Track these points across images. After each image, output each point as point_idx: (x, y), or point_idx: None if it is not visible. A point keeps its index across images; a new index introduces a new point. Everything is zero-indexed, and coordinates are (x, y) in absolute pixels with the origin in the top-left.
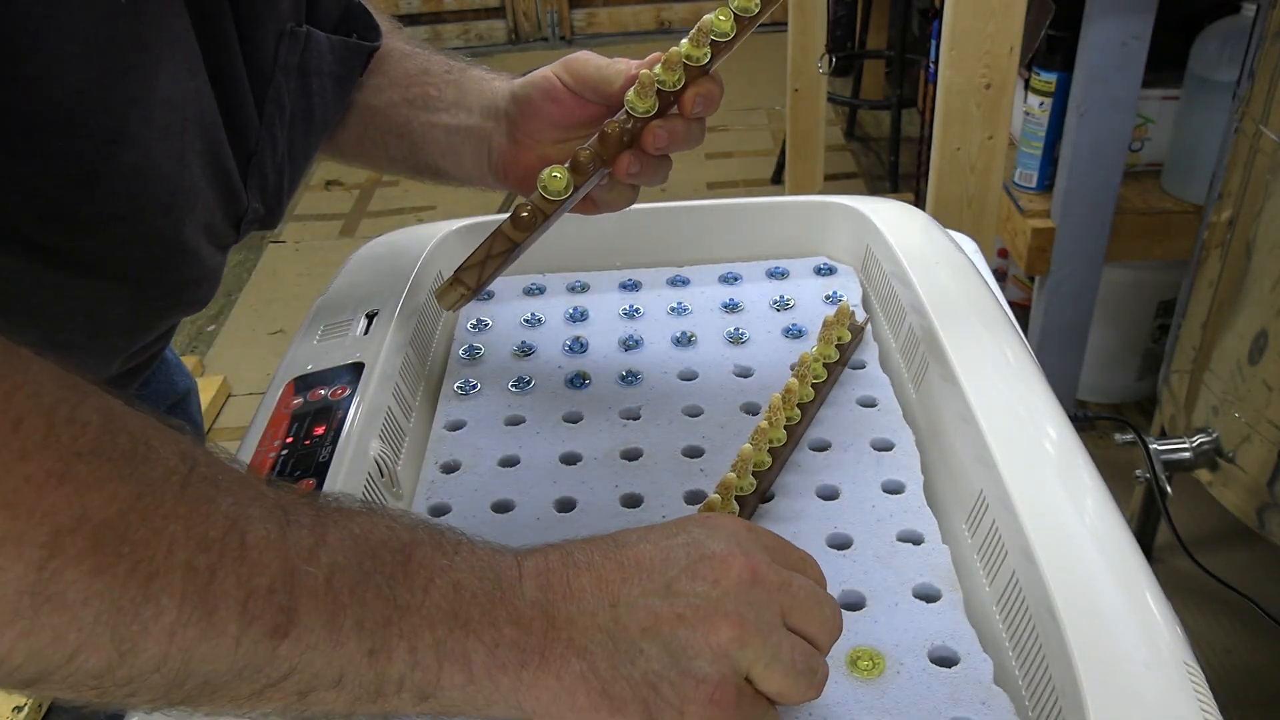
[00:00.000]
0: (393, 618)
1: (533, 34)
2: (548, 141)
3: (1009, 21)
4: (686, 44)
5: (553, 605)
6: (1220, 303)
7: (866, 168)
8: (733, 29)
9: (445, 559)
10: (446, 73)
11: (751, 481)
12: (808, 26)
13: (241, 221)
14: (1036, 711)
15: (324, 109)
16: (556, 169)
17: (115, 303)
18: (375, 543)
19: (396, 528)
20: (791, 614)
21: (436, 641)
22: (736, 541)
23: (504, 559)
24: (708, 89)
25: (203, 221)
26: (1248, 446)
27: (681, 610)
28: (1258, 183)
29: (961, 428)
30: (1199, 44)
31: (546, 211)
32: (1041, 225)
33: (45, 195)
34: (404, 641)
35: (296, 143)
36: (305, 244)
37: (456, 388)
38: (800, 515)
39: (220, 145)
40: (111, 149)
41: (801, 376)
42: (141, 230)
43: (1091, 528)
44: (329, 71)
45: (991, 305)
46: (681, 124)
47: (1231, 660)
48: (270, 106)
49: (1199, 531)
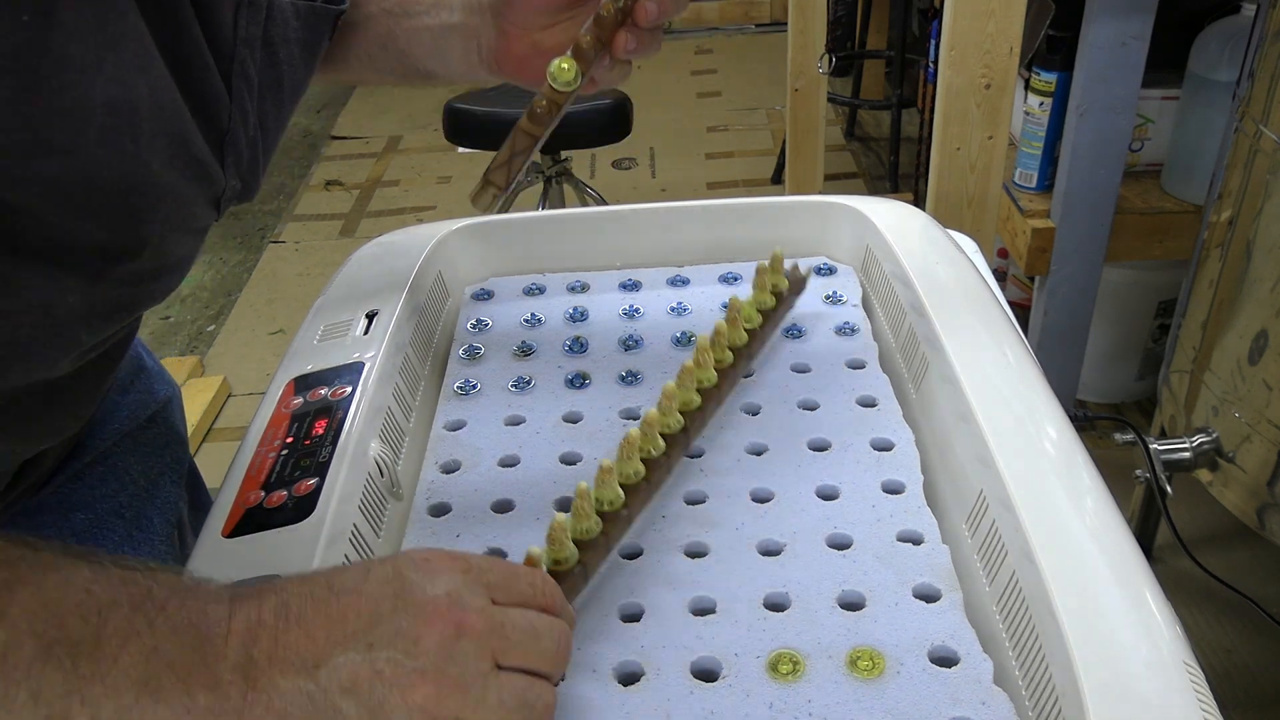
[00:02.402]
0: (74, 687)
1: None
2: (536, 28)
3: (1009, 21)
4: None
5: (255, 667)
6: (1220, 303)
7: (866, 168)
8: None
9: (145, 622)
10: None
11: (679, 419)
12: (808, 26)
13: (220, 200)
14: (1036, 711)
15: (293, 77)
16: (564, 60)
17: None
18: (65, 610)
19: (95, 591)
20: (504, 656)
21: (121, 709)
22: (448, 588)
23: (215, 614)
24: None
25: (172, 214)
26: (1248, 446)
27: (381, 668)
28: (1258, 183)
29: (961, 428)
30: (1199, 44)
31: (560, 103)
32: (1041, 225)
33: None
34: (86, 709)
35: (268, 113)
36: (305, 244)
37: (456, 388)
38: (800, 515)
39: (188, 134)
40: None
41: (731, 320)
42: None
43: (1091, 528)
44: (295, 39)
45: (991, 305)
46: (646, 33)
47: (1232, 660)
48: (237, 81)
49: (1199, 531)
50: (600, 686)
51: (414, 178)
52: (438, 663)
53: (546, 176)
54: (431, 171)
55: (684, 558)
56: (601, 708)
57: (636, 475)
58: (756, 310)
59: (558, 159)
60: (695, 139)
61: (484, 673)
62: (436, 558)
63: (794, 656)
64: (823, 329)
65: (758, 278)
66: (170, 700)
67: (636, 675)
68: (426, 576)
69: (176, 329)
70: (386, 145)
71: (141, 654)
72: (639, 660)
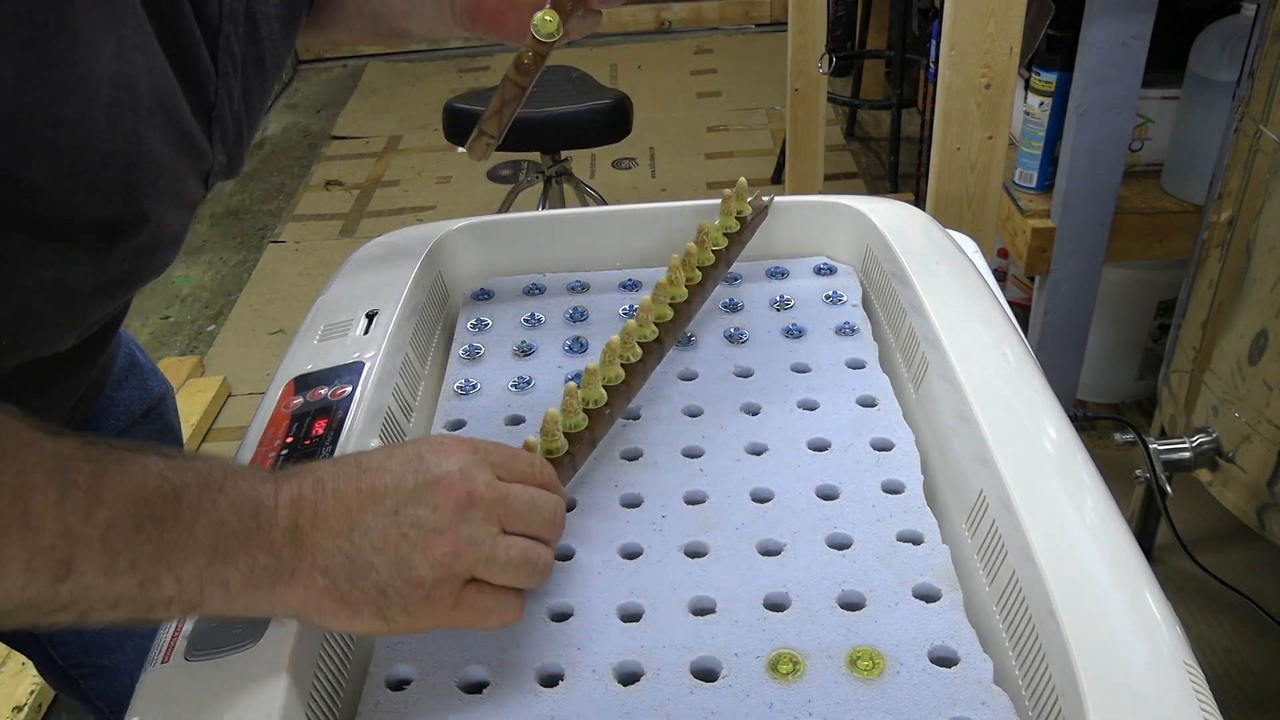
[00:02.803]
0: (161, 555)
1: None
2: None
3: (1009, 21)
4: None
5: (301, 532)
6: (1220, 303)
7: (866, 168)
8: None
9: (210, 499)
10: None
11: (654, 329)
12: (808, 26)
13: (209, 176)
14: (1036, 711)
15: (274, 51)
16: (546, 13)
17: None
18: (148, 492)
19: (169, 474)
20: (509, 522)
21: (199, 571)
22: (459, 465)
23: (264, 490)
24: None
25: (168, 188)
26: (1248, 446)
27: (405, 530)
28: (1258, 183)
29: (961, 428)
30: (1199, 44)
31: (543, 53)
32: (1041, 225)
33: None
34: (171, 573)
35: (251, 88)
36: (305, 244)
37: (456, 388)
38: (800, 515)
39: (179, 110)
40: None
41: (700, 242)
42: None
43: (1091, 528)
44: (275, 14)
45: (991, 305)
46: None
47: (1231, 660)
48: (223, 57)
49: (1199, 531)
50: (600, 686)
51: (414, 178)
52: (453, 524)
53: (546, 176)
54: (431, 171)
55: (684, 558)
56: (601, 708)
57: (617, 378)
58: (723, 234)
59: (558, 159)
60: (695, 139)
61: (493, 534)
62: (449, 442)
63: (794, 656)
64: (823, 329)
65: (724, 204)
66: (237, 561)
67: (636, 675)
68: (441, 456)
69: (176, 329)
70: (386, 145)
71: (211, 525)
72: (639, 660)
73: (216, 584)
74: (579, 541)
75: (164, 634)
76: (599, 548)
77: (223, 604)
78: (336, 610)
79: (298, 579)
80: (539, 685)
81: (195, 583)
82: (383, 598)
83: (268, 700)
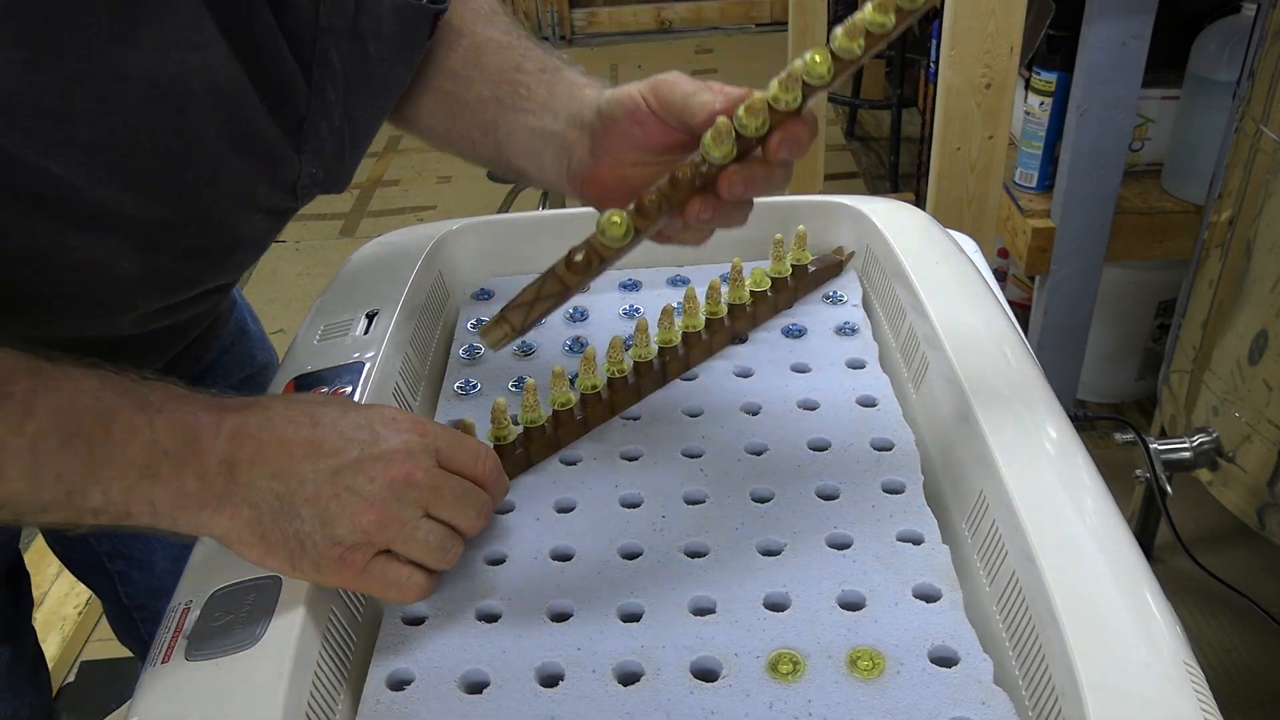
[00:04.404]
0: (89, 471)
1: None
2: (628, 163)
3: (1009, 21)
4: (775, 87)
5: (238, 465)
6: (1220, 303)
7: (866, 168)
8: (830, 72)
9: (146, 421)
10: (541, 71)
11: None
12: (808, 26)
13: (298, 185)
14: (1036, 711)
15: (387, 73)
16: (616, 214)
17: (124, 258)
18: (80, 410)
19: (103, 396)
20: (436, 509)
21: (127, 489)
22: (405, 445)
23: (205, 420)
24: (795, 132)
25: (230, 190)
26: (1248, 446)
27: (339, 492)
28: (1258, 183)
29: (961, 428)
30: (1199, 44)
31: (605, 257)
32: (1041, 225)
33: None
34: (98, 487)
35: (357, 106)
36: (305, 244)
37: (456, 388)
38: (800, 515)
39: (251, 112)
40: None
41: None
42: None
43: (1091, 528)
44: (389, 35)
45: (991, 305)
46: (762, 169)
47: (1231, 660)
48: (319, 70)
49: (1199, 531)
50: (600, 686)
51: (414, 178)
52: (385, 498)
53: None
54: (431, 171)
55: (684, 558)
56: (601, 708)
57: (593, 388)
58: (766, 275)
59: None
60: None
61: (418, 515)
62: (402, 418)
63: (794, 656)
64: (823, 329)
65: (775, 248)
66: (166, 483)
67: (636, 675)
68: (392, 431)
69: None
70: (386, 145)
71: (143, 447)
72: (639, 660)
73: (143, 502)
74: (579, 541)
75: (164, 634)
76: (599, 548)
77: (149, 520)
78: (253, 544)
79: (225, 508)
80: (539, 685)
81: (123, 499)
82: (299, 546)
83: (268, 700)
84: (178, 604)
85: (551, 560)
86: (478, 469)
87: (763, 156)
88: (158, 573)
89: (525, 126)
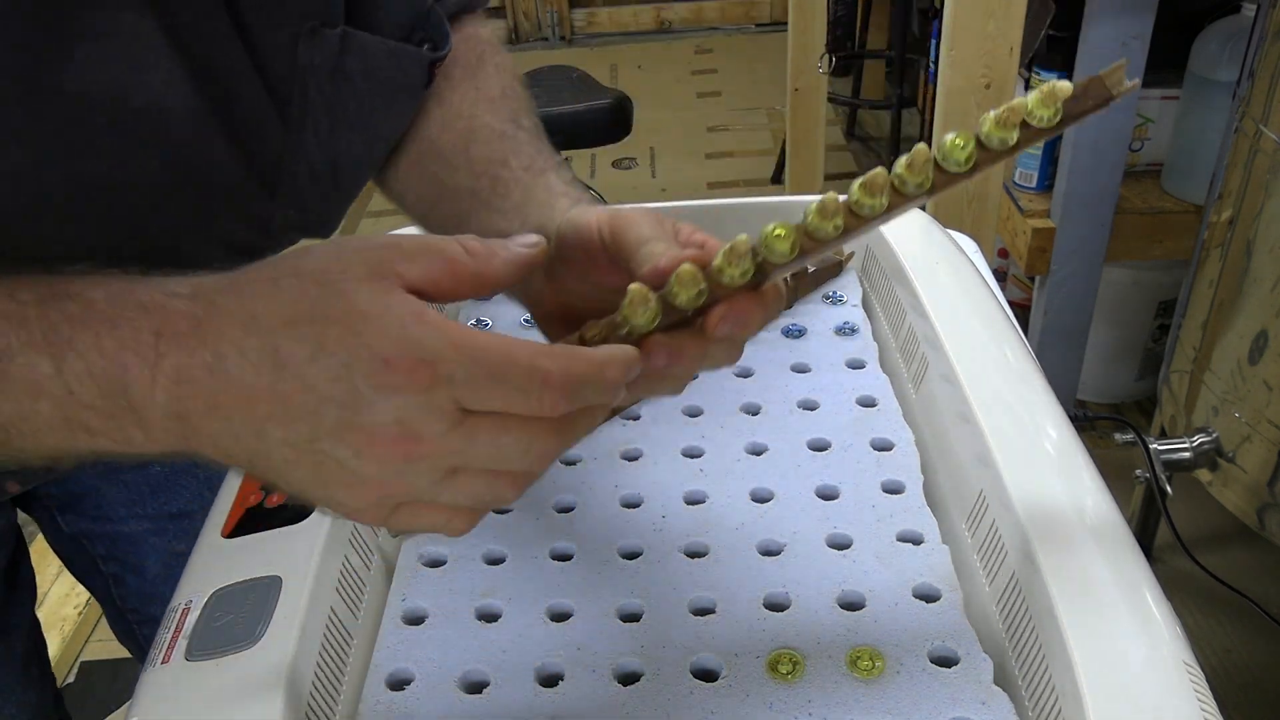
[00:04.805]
0: None
1: (532, 33)
2: (575, 294)
3: (1009, 21)
4: (721, 257)
5: (189, 420)
6: (1220, 303)
7: (867, 168)
8: (793, 251)
9: (51, 368)
10: (525, 170)
11: None
12: (808, 26)
13: (271, 226)
14: (1036, 711)
15: (378, 117)
16: None
17: None
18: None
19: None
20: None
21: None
22: (399, 415)
23: (132, 361)
24: (742, 308)
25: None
26: (1248, 446)
27: (323, 462)
28: (1258, 183)
29: (961, 428)
30: (1199, 44)
31: None
32: (1041, 225)
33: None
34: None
35: (344, 149)
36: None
37: None
38: (800, 515)
39: (208, 144)
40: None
41: None
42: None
43: (1091, 528)
44: (382, 78)
45: (991, 305)
46: (693, 343)
47: (1231, 660)
48: (296, 109)
49: (1199, 531)
50: (600, 686)
51: None
52: (380, 476)
53: None
54: None
55: (684, 558)
56: (601, 708)
57: None
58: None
59: None
60: (695, 139)
61: (435, 481)
62: (397, 362)
63: (794, 656)
64: (823, 329)
65: None
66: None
67: (636, 675)
68: (379, 394)
69: None
70: None
71: (56, 402)
72: (639, 660)
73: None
74: (579, 541)
75: (164, 634)
76: (599, 548)
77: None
78: None
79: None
80: (539, 685)
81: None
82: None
83: (268, 700)
84: (178, 604)
85: (551, 560)
86: (530, 406)
87: (701, 329)
88: (150, 578)
89: (495, 228)
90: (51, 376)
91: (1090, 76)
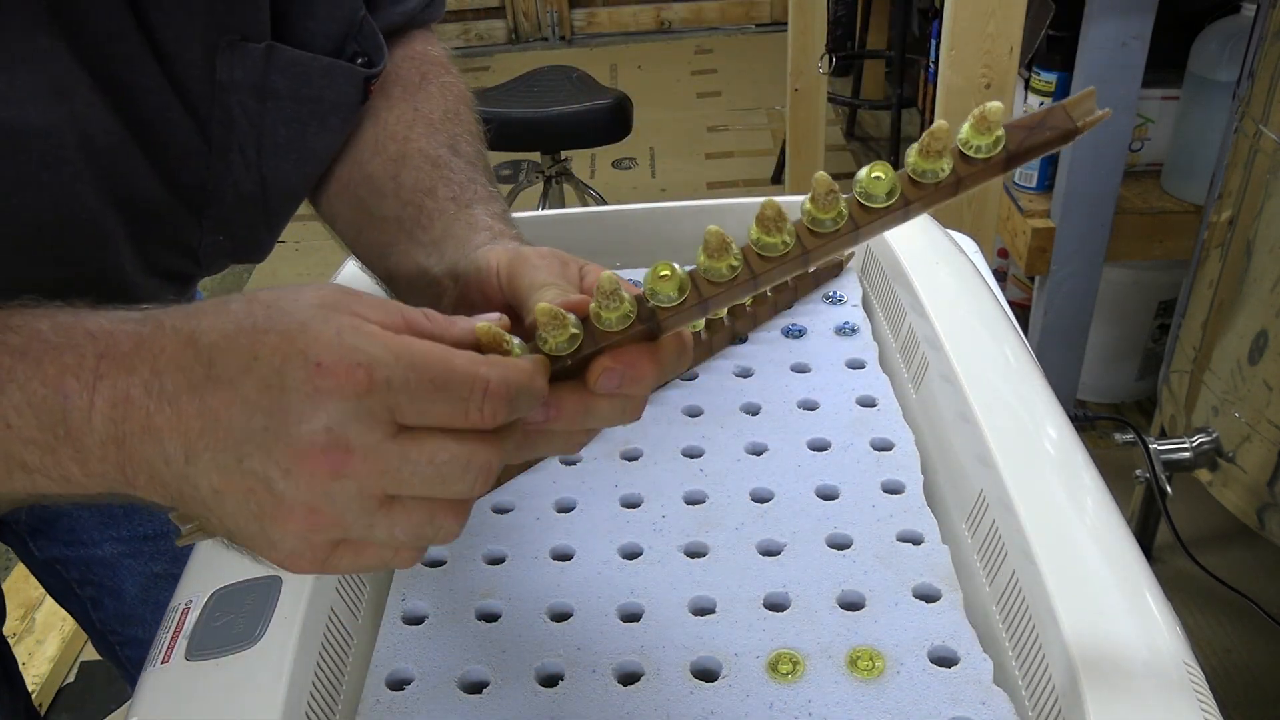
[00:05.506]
0: None
1: (532, 34)
2: None
3: (1009, 21)
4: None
5: (128, 440)
6: (1220, 303)
7: None
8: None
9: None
10: (451, 200)
11: None
12: (808, 26)
13: (199, 253)
14: (1036, 711)
15: (310, 137)
16: None
17: None
18: None
19: None
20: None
21: None
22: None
23: (72, 387)
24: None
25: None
26: (1248, 446)
27: (253, 488)
28: (1258, 183)
29: (961, 428)
30: (1199, 44)
31: None
32: (1041, 225)
33: None
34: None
35: (274, 170)
36: (305, 244)
37: None
38: (800, 515)
39: (132, 170)
40: None
41: None
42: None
43: (1091, 528)
44: (314, 96)
45: (991, 305)
46: (574, 397)
47: (1231, 660)
48: (220, 130)
49: (1199, 531)
50: (600, 686)
51: None
52: (308, 500)
53: (546, 176)
54: None
55: (684, 558)
56: (601, 708)
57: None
58: None
59: (557, 159)
60: (695, 139)
61: (368, 509)
62: (331, 366)
63: (794, 656)
64: (823, 329)
65: None
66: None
67: (636, 675)
68: (309, 400)
69: None
70: None
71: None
72: (639, 660)
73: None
74: (579, 541)
75: (164, 634)
76: (599, 548)
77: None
78: None
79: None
80: (539, 685)
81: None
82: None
83: (268, 700)
84: (178, 604)
85: (551, 560)
86: (470, 417)
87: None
88: (128, 600)
89: (413, 260)
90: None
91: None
